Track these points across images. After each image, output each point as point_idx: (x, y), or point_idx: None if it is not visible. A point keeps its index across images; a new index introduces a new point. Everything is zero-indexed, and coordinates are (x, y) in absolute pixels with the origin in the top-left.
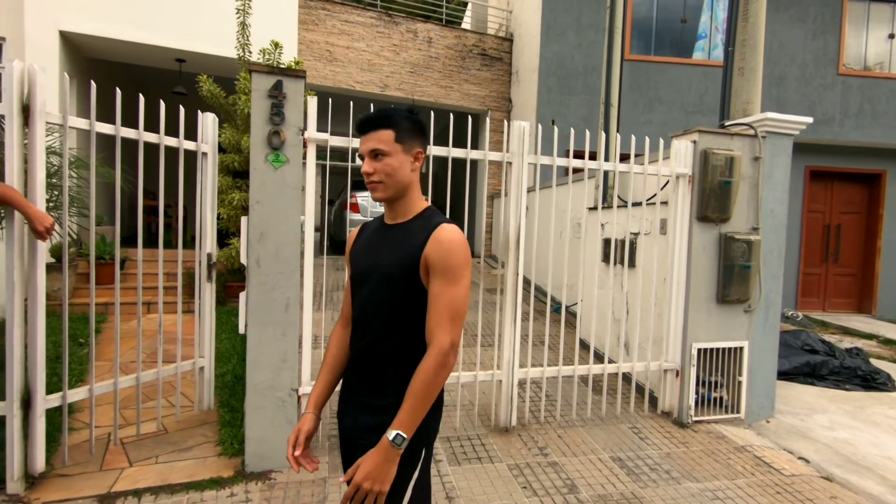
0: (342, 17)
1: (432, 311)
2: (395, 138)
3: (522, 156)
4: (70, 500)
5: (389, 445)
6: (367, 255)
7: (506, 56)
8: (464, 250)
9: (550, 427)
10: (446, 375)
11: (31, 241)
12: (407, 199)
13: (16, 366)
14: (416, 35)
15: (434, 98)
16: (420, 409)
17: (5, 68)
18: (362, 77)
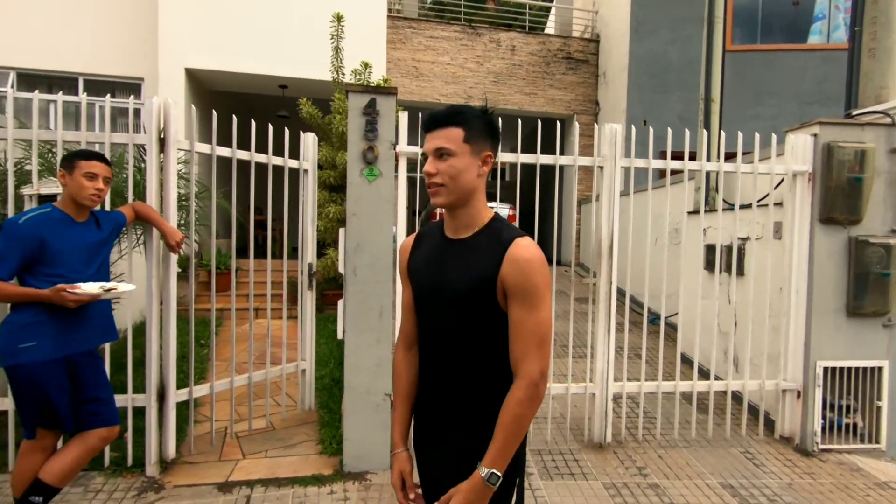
0: (427, 34)
1: (517, 339)
2: (463, 138)
3: (615, 159)
4: (196, 486)
5: (483, 483)
6: (429, 273)
7: (592, 58)
8: (544, 268)
9: (650, 446)
10: (537, 407)
11: (165, 253)
12: (471, 208)
13: (153, 363)
14: (499, 44)
15: (518, 105)
16: (513, 445)
17: (145, 104)
18: (447, 90)
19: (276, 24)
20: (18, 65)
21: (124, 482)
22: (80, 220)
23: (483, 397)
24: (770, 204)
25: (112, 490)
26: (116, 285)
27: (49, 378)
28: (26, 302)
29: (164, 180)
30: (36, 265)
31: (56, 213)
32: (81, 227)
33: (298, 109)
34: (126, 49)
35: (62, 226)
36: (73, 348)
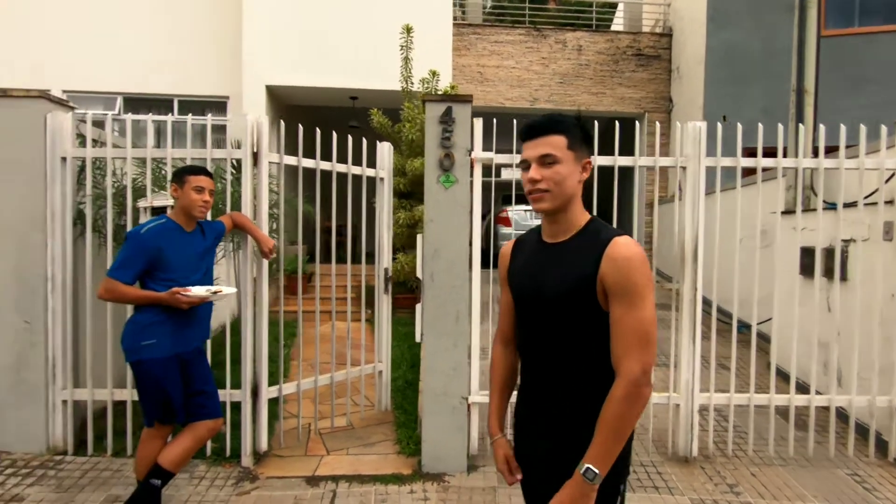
0: (492, 39)
1: (617, 337)
2: (567, 145)
3: (699, 158)
4: (286, 478)
5: (582, 480)
6: (528, 277)
7: (664, 53)
8: (644, 266)
9: (741, 462)
10: (641, 406)
11: (257, 259)
12: (570, 213)
13: (248, 361)
14: (564, 45)
15: (586, 106)
16: (614, 443)
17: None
18: (512, 93)
19: (348, 40)
20: (124, 90)
21: (223, 471)
22: (189, 230)
23: (583, 397)
24: (880, 202)
25: (214, 477)
26: (221, 288)
27: (166, 373)
28: (146, 304)
29: (256, 191)
30: (154, 270)
31: (170, 224)
32: (190, 236)
33: (369, 119)
34: (213, 71)
35: (175, 235)
36: (185, 346)
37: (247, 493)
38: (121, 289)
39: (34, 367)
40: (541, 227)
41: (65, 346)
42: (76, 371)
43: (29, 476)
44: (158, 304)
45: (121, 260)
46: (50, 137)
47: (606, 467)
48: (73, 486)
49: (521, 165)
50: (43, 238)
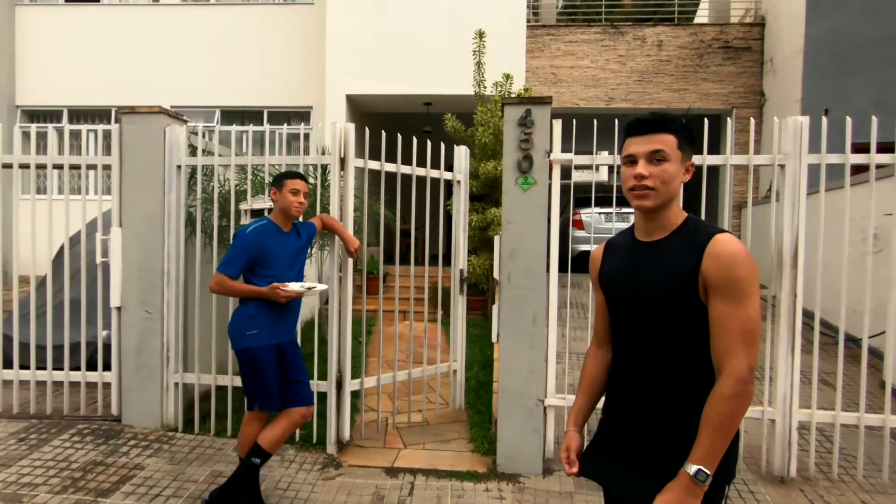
0: (566, 39)
1: (720, 335)
2: (677, 144)
3: (800, 156)
4: (367, 467)
5: (691, 481)
6: (623, 277)
7: (755, 44)
8: (749, 262)
9: (848, 488)
10: (746, 405)
11: (344, 258)
12: (669, 212)
13: (334, 355)
14: (643, 41)
15: (666, 103)
16: (721, 442)
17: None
18: (586, 94)
19: (422, 48)
20: (220, 104)
21: (311, 456)
22: (286, 231)
23: (678, 395)
24: None
25: (302, 462)
26: (315, 285)
27: (266, 360)
28: (249, 297)
29: (343, 194)
30: (256, 266)
31: (270, 225)
32: (287, 236)
33: (443, 124)
34: (298, 84)
35: (275, 234)
36: (282, 337)
37: (332, 479)
38: (228, 282)
39: (152, 351)
40: (633, 228)
41: (177, 334)
42: (185, 357)
43: (147, 448)
44: (260, 297)
45: (228, 256)
46: (168, 148)
47: (714, 467)
48: (183, 459)
49: (626, 160)
50: (161, 238)
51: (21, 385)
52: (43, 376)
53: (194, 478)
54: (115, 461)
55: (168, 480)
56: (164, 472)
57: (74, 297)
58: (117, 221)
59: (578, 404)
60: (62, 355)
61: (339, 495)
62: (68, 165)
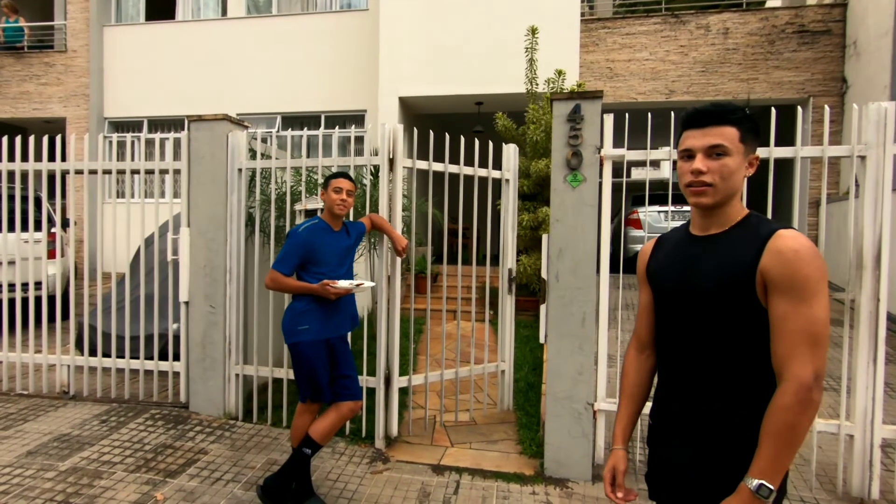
0: (623, 31)
1: (782, 337)
2: (739, 137)
3: (884, 146)
4: (413, 464)
5: (752, 497)
6: (673, 272)
7: (835, 26)
8: (816, 260)
9: None
10: (812, 415)
11: (392, 257)
12: (730, 207)
13: (382, 352)
14: (707, 30)
15: (733, 94)
16: (784, 455)
17: (379, 132)
18: (644, 87)
19: (473, 48)
20: (281, 110)
21: (360, 450)
22: (336, 230)
23: (735, 401)
24: None
25: (352, 455)
26: (363, 282)
27: (316, 355)
28: (301, 293)
29: (392, 194)
30: (308, 264)
31: (321, 224)
32: (337, 235)
33: (494, 123)
34: (353, 88)
35: (325, 233)
36: (333, 332)
37: (379, 473)
38: (281, 279)
39: (215, 344)
40: (688, 224)
41: (237, 328)
42: (245, 350)
43: (211, 434)
44: (311, 293)
45: (282, 254)
46: (230, 152)
47: (779, 481)
48: (242, 447)
49: (683, 155)
50: (224, 237)
51: (103, 372)
52: (122, 364)
53: (252, 464)
54: (182, 445)
55: (228, 466)
56: (225, 457)
57: (149, 292)
58: (186, 222)
59: (623, 415)
60: (139, 346)
61: (386, 489)
62: (144, 171)
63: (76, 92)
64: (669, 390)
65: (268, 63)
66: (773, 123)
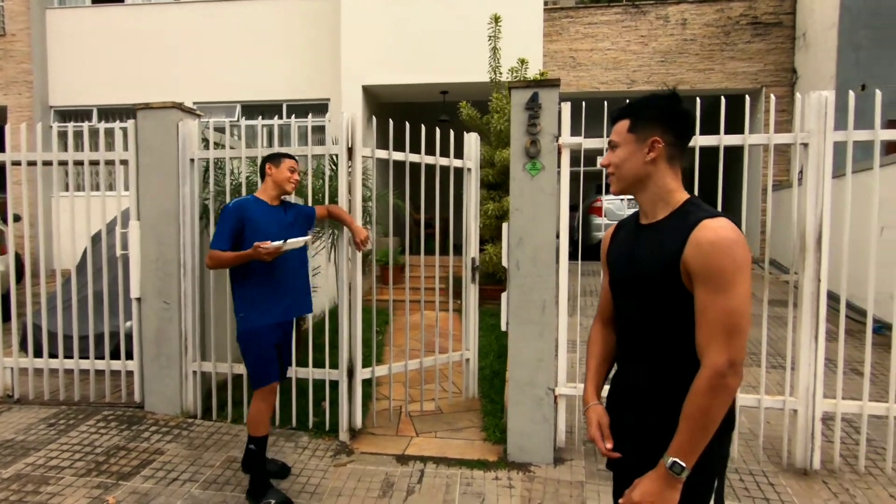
0: (585, 21)
1: (700, 326)
2: (628, 128)
3: (824, 133)
4: (378, 454)
5: (667, 472)
6: (622, 259)
7: (786, 18)
8: (733, 249)
9: (876, 481)
10: (726, 399)
11: (352, 250)
12: (651, 194)
13: (344, 344)
14: (666, 20)
15: (691, 84)
16: (698, 436)
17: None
18: (607, 77)
19: (437, 37)
20: (242, 99)
21: (323, 443)
22: (272, 205)
23: (669, 381)
24: None
25: (315, 448)
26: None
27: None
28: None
29: (351, 184)
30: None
31: (252, 198)
32: (273, 210)
33: (458, 113)
34: (316, 77)
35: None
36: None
37: (343, 465)
38: (218, 255)
39: (170, 341)
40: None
41: (194, 324)
42: (203, 346)
43: (168, 434)
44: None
45: (216, 232)
46: (181, 142)
47: (692, 460)
48: (201, 445)
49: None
50: (176, 230)
51: (51, 373)
52: (70, 365)
53: (210, 463)
54: (136, 446)
55: (185, 465)
56: (182, 456)
57: (98, 289)
58: (135, 215)
59: (592, 382)
60: (88, 345)
61: (350, 481)
62: (88, 161)
63: (17, 79)
64: (621, 364)
65: (226, 50)
66: (723, 113)
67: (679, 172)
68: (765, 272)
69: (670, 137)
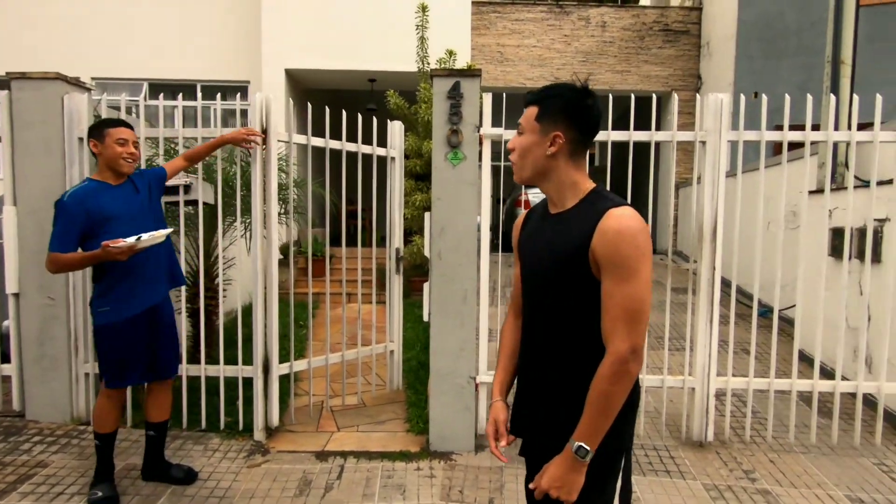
0: (512, 17)
1: (606, 313)
2: (536, 116)
3: (720, 132)
4: (296, 452)
5: (572, 456)
6: (531, 247)
7: (693, 28)
8: (637, 239)
9: (759, 449)
10: (628, 384)
11: (267, 242)
12: (556, 186)
13: (259, 339)
14: (588, 22)
15: (609, 85)
16: (601, 420)
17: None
18: (532, 73)
19: (365, 22)
20: (149, 76)
21: (236, 444)
22: (115, 184)
23: (575, 370)
24: None
25: (227, 450)
26: (150, 234)
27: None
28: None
29: (266, 170)
30: (94, 233)
31: (92, 183)
32: (120, 190)
33: (386, 102)
34: (235, 57)
35: (101, 193)
36: (139, 307)
37: (257, 466)
38: (62, 259)
39: (56, 340)
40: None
41: (85, 321)
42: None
43: (54, 444)
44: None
45: (55, 233)
46: (67, 118)
47: (596, 443)
48: (94, 454)
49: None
50: None
51: None
52: None
53: None
54: (14, 460)
55: (74, 477)
56: (70, 468)
57: None
58: (10, 199)
59: (501, 373)
60: None
61: (264, 482)
62: None
63: None
64: (527, 355)
65: (132, 23)
66: (633, 112)
67: (583, 164)
68: (668, 261)
69: (573, 134)
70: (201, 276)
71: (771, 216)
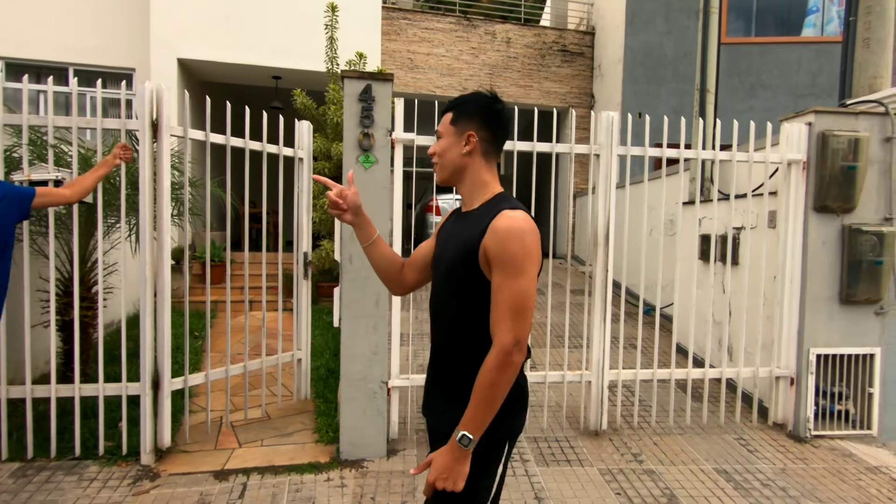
0: (422, 25)
1: (494, 307)
2: (451, 119)
3: (611, 147)
4: (191, 474)
5: (457, 445)
6: (441, 245)
7: (587, 50)
8: (523, 238)
9: (645, 433)
10: (512, 375)
11: (158, 245)
12: (469, 186)
13: (147, 352)
14: (494, 37)
15: (513, 98)
16: (485, 409)
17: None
18: (442, 82)
19: (270, 16)
20: (7, 55)
21: (119, 471)
22: None
23: (468, 365)
24: (765, 193)
25: (107, 478)
26: None
27: None
28: None
29: (157, 168)
30: None
31: None
32: None
33: (293, 100)
34: (117, 40)
35: None
36: None
37: (145, 492)
38: None
39: None
40: None
41: None
42: None
43: None
44: None
45: None
46: None
47: (479, 433)
48: None
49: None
50: None
51: None
52: None
53: None
54: None
55: None
56: None
57: None
58: None
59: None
60: None
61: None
62: None
63: None
64: (433, 347)
65: None
66: (535, 125)
67: (495, 168)
68: (567, 265)
69: (485, 133)
70: (75, 284)
71: (653, 224)
